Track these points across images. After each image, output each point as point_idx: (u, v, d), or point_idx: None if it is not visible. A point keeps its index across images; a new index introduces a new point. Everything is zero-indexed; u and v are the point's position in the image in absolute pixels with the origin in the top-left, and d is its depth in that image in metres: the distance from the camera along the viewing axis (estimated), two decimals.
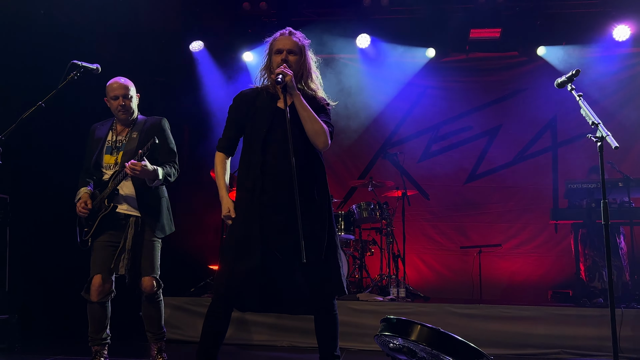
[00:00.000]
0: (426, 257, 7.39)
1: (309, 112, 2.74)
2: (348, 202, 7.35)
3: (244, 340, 4.78)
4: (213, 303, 2.75)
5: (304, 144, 2.78)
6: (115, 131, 3.59)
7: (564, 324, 4.65)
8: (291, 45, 2.86)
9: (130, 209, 3.44)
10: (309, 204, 2.74)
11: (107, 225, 3.42)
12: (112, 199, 3.40)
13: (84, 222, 3.48)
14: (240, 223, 2.74)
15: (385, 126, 7.66)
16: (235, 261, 2.69)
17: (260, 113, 2.84)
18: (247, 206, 2.73)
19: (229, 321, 2.75)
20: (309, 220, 2.68)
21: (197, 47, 7.16)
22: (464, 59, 7.45)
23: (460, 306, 4.89)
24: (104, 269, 3.39)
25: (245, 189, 2.77)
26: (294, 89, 2.72)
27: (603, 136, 2.43)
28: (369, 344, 4.59)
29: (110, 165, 3.51)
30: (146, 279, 3.42)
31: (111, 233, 3.43)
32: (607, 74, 6.72)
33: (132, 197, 3.44)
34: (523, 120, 7.39)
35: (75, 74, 3.24)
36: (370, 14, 6.87)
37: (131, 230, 3.40)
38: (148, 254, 3.44)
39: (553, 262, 7.01)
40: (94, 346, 3.43)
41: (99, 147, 3.53)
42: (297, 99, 2.74)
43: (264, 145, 2.75)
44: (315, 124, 2.73)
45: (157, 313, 3.52)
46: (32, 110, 3.04)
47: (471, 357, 2.12)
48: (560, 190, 6.97)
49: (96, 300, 3.37)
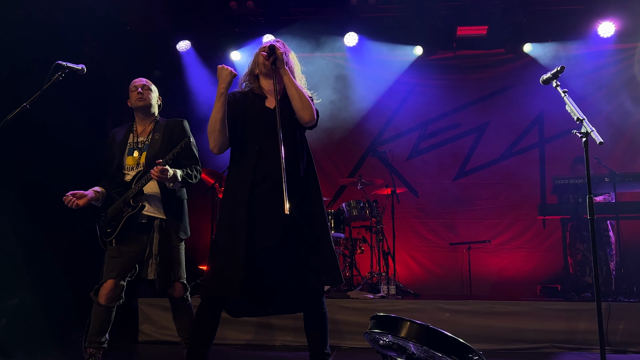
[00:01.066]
0: (416, 254, 7.43)
1: (296, 86, 2.77)
2: (338, 201, 7.36)
3: (235, 340, 4.77)
4: (201, 304, 2.75)
5: (293, 143, 2.79)
6: (136, 133, 3.57)
7: (553, 318, 4.69)
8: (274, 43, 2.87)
9: (155, 211, 3.40)
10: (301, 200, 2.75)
11: (131, 227, 3.38)
12: (137, 199, 3.37)
13: (106, 224, 3.43)
14: (226, 225, 2.73)
15: (374, 124, 7.68)
16: (221, 262, 2.69)
17: (250, 114, 2.85)
18: (234, 206, 2.73)
19: (218, 321, 2.75)
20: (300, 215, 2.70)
21: (185, 47, 7.14)
22: (451, 57, 7.49)
23: (450, 302, 4.91)
24: (118, 275, 3.35)
25: (234, 188, 2.77)
26: (282, 62, 2.74)
27: (588, 132, 2.46)
28: (360, 341, 4.60)
29: (132, 167, 3.47)
30: (177, 284, 3.43)
31: (133, 237, 3.39)
32: (592, 70, 6.80)
33: (158, 198, 3.41)
34: (510, 117, 7.45)
35: (60, 75, 3.20)
36: (358, 13, 6.88)
37: (157, 234, 3.36)
38: (178, 259, 3.44)
39: (541, 257, 7.08)
40: (90, 348, 3.39)
41: (121, 150, 3.51)
42: (287, 75, 2.77)
43: (258, 146, 2.75)
44: (302, 98, 2.76)
45: (187, 317, 3.49)
46: (17, 112, 3.01)
47: (461, 352, 2.13)
48: (548, 186, 7.05)
49: (104, 304, 3.34)
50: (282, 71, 2.76)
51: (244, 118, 2.85)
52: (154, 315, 4.93)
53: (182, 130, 3.53)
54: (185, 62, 7.15)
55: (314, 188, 2.86)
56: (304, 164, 2.85)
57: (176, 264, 3.43)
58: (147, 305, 4.96)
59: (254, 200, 2.71)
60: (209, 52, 7.25)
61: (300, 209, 2.71)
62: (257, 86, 2.91)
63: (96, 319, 3.38)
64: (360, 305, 4.90)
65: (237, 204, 2.72)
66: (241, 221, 2.68)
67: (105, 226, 3.43)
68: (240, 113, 2.86)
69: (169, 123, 3.57)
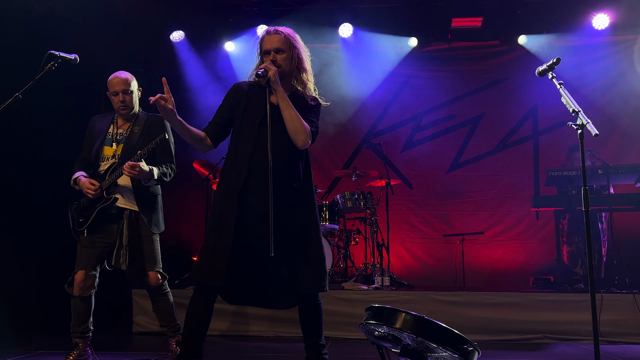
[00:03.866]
0: (410, 246, 7.45)
1: (290, 110, 2.71)
2: (332, 192, 7.37)
3: (229, 331, 4.78)
4: (194, 293, 2.76)
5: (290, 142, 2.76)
6: (116, 124, 3.57)
7: (546, 309, 4.73)
8: (278, 44, 2.79)
9: (126, 202, 3.42)
10: (291, 197, 2.75)
11: (102, 218, 3.39)
12: (110, 191, 3.37)
13: (79, 213, 3.43)
14: (217, 214, 2.73)
15: (368, 116, 7.67)
16: (209, 250, 2.70)
17: (253, 106, 2.81)
18: (226, 196, 2.72)
19: (210, 311, 2.75)
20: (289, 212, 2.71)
21: (178, 37, 7.09)
22: (446, 48, 7.48)
23: (444, 293, 4.94)
24: (88, 266, 3.37)
25: (229, 177, 2.76)
26: (276, 83, 2.69)
27: (583, 124, 2.46)
28: (355, 332, 4.61)
29: (108, 157, 3.48)
30: (151, 273, 3.45)
31: (103, 227, 3.41)
32: (587, 62, 6.81)
33: (130, 191, 3.42)
34: (504, 109, 7.46)
35: (53, 65, 3.18)
36: (352, 3, 6.86)
37: (126, 225, 3.38)
38: (149, 249, 3.45)
39: (535, 249, 7.12)
40: (75, 338, 3.42)
41: (100, 140, 3.50)
42: (280, 94, 2.71)
43: (256, 137, 2.73)
44: (295, 122, 2.71)
45: (166, 305, 3.52)
46: (10, 102, 2.98)
47: (456, 343, 2.14)
48: (542, 178, 7.07)
49: (77, 294, 3.37)
50: (277, 93, 2.71)
51: (245, 108, 2.82)
52: (148, 307, 4.89)
53: (161, 126, 3.51)
54: (179, 53, 7.11)
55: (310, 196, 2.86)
56: (302, 172, 2.85)
57: (147, 254, 3.43)
58: (141, 297, 4.95)
59: (248, 193, 2.69)
60: (203, 42, 7.20)
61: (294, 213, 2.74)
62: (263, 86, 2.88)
63: (74, 310, 3.42)
64: (355, 297, 4.91)
65: (230, 193, 2.71)
66: (231, 211, 2.67)
67: (77, 216, 3.44)
68: (243, 103, 2.83)
69: (150, 118, 3.57)
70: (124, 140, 3.48)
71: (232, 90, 2.91)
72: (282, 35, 2.81)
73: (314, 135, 2.80)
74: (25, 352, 3.92)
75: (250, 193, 2.69)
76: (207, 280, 2.67)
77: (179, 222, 6.91)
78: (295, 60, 2.84)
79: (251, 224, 2.67)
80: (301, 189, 2.82)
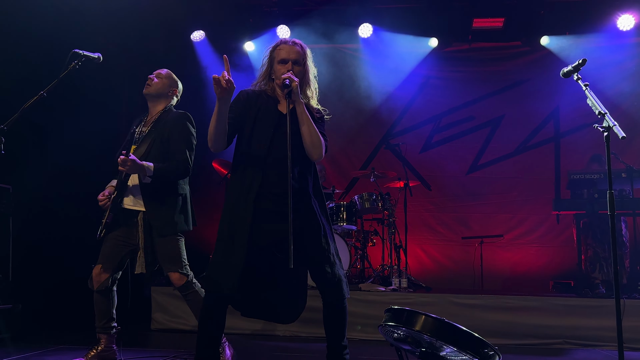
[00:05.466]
0: (428, 248, 7.40)
1: (310, 125, 2.72)
2: (350, 193, 7.35)
3: (245, 329, 4.79)
4: (204, 301, 2.77)
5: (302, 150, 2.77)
6: (143, 123, 3.56)
7: (566, 314, 4.67)
8: (296, 56, 2.81)
9: (135, 203, 3.38)
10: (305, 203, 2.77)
11: (120, 219, 3.40)
12: (122, 192, 3.37)
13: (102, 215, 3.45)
14: (227, 223, 2.73)
15: (387, 117, 7.64)
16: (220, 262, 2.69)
17: (261, 115, 2.80)
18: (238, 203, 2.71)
19: (224, 316, 2.74)
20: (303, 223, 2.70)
21: (199, 37, 7.13)
22: (466, 49, 7.41)
23: (462, 296, 4.90)
24: (106, 262, 3.39)
25: (240, 185, 2.74)
26: (298, 96, 2.70)
27: (610, 126, 2.41)
28: (372, 333, 4.61)
29: None
30: (171, 274, 3.39)
31: (123, 228, 3.41)
32: (610, 64, 6.68)
33: (138, 191, 3.37)
34: (525, 111, 7.37)
35: (77, 63, 3.21)
36: (373, 3, 6.82)
37: (141, 227, 3.37)
38: (165, 251, 3.37)
39: (555, 252, 7.02)
40: (98, 333, 3.45)
41: (129, 140, 3.52)
42: (300, 107, 2.71)
43: (269, 145, 2.72)
44: (314, 137, 2.72)
45: (195, 305, 3.42)
46: (34, 100, 3.02)
47: (476, 347, 2.12)
48: (563, 181, 6.96)
49: (95, 289, 3.40)
50: (297, 105, 2.71)
51: (254, 118, 2.80)
52: (167, 304, 4.97)
53: (177, 123, 3.45)
54: (199, 53, 7.15)
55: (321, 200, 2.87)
56: (312, 177, 2.86)
57: (165, 255, 3.36)
58: (160, 294, 5.00)
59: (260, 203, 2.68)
60: (223, 42, 7.23)
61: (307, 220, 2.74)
62: (271, 89, 2.87)
63: (95, 305, 3.45)
64: (372, 298, 4.90)
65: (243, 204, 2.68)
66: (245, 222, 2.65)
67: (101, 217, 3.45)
68: (251, 113, 2.81)
69: (170, 114, 3.51)
70: (142, 139, 3.46)
71: (241, 98, 2.88)
72: (299, 48, 2.84)
73: (326, 148, 2.82)
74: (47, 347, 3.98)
75: (263, 200, 2.69)
76: (218, 289, 2.66)
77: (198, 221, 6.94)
78: (307, 74, 2.87)
79: (265, 231, 2.67)
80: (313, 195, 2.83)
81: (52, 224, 5.31)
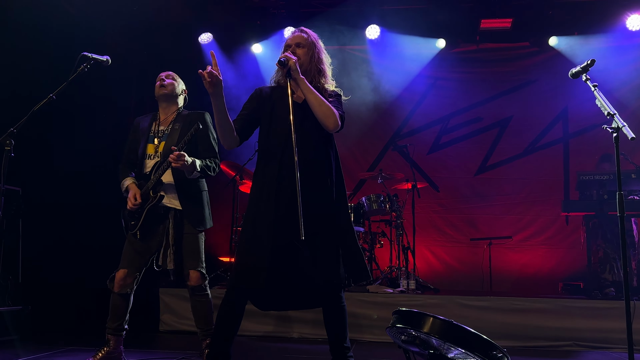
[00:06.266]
0: (436, 249, 7.37)
1: (315, 95, 2.73)
2: (357, 194, 7.34)
3: (254, 331, 4.79)
4: (226, 295, 2.76)
5: (318, 136, 2.78)
6: (158, 122, 3.59)
7: (576, 316, 4.63)
8: (299, 39, 2.87)
9: (170, 201, 3.42)
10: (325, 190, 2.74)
11: (152, 218, 3.41)
12: (156, 189, 3.39)
13: (130, 216, 3.45)
14: (253, 217, 2.74)
15: (395, 118, 7.64)
16: (246, 255, 2.70)
17: (279, 107, 2.83)
18: (261, 198, 2.73)
19: (242, 314, 2.75)
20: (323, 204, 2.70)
21: (206, 39, 7.16)
22: (474, 50, 7.39)
23: (470, 298, 4.88)
24: (131, 266, 3.41)
25: (262, 180, 2.77)
26: (297, 72, 2.71)
27: (619, 127, 2.39)
28: (379, 335, 4.59)
29: (151, 155, 3.49)
30: (192, 272, 3.40)
31: (154, 228, 3.43)
32: (619, 64, 6.63)
33: (173, 188, 3.42)
34: (534, 112, 7.34)
35: (86, 66, 3.23)
36: (380, 5, 6.82)
37: (171, 224, 3.39)
38: (192, 248, 3.41)
39: (564, 254, 6.97)
40: (108, 334, 3.46)
41: (144, 139, 3.54)
42: (302, 83, 2.73)
43: (285, 136, 2.72)
44: (322, 106, 2.72)
45: (203, 307, 3.46)
46: (44, 103, 3.04)
47: (485, 349, 2.10)
48: (572, 181, 6.93)
49: (117, 291, 3.41)
50: (299, 81, 2.72)
51: (270, 113, 2.83)
52: (175, 305, 4.98)
53: (202, 122, 3.50)
54: (206, 55, 7.18)
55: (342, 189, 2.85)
56: (333, 165, 2.84)
57: (190, 252, 3.41)
58: (168, 295, 5.01)
59: (281, 194, 2.69)
60: (230, 44, 7.26)
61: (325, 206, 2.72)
62: (285, 80, 2.89)
63: (112, 306, 3.45)
64: (380, 300, 4.89)
65: (264, 197, 2.71)
66: (268, 214, 2.67)
67: (129, 218, 3.46)
68: (267, 108, 2.84)
69: (191, 115, 3.58)
70: (165, 137, 3.50)
71: (255, 94, 2.94)
72: (304, 34, 2.90)
73: (342, 119, 2.80)
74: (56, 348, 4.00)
75: (284, 193, 2.69)
76: (248, 284, 2.65)
77: None
78: (315, 59, 2.89)
79: (288, 225, 2.65)
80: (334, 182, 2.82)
81: (62, 225, 5.34)
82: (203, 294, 3.46)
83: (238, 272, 2.70)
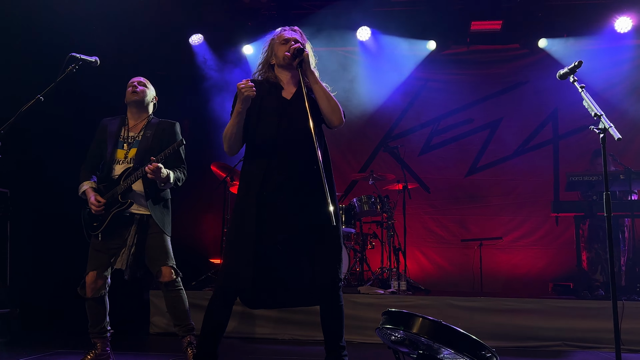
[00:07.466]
0: (427, 250, 7.39)
1: (325, 90, 2.76)
2: (349, 196, 7.34)
3: (245, 333, 4.78)
4: (214, 295, 2.75)
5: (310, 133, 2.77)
6: (127, 127, 3.58)
7: (565, 316, 4.66)
8: (297, 38, 2.86)
9: (138, 207, 3.43)
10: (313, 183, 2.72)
11: (117, 222, 3.40)
12: (126, 195, 3.40)
13: (92, 217, 3.44)
14: (238, 218, 2.73)
15: (386, 119, 7.65)
16: (233, 255, 2.69)
17: (265, 104, 2.81)
18: (246, 197, 2.72)
19: (229, 313, 2.74)
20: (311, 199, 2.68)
21: (197, 41, 7.15)
22: (465, 52, 7.42)
23: (461, 299, 4.89)
24: (99, 267, 3.40)
25: (248, 179, 2.75)
26: (308, 65, 2.72)
27: (606, 127, 2.41)
28: (370, 336, 4.59)
29: (120, 161, 3.49)
30: (164, 268, 3.41)
31: (117, 232, 3.42)
32: (608, 66, 6.70)
33: (142, 195, 3.44)
34: (524, 113, 7.39)
35: (74, 67, 3.21)
36: (371, 7, 6.83)
37: (134, 228, 3.41)
38: (159, 245, 3.43)
39: (554, 254, 7.02)
40: (93, 339, 3.45)
41: (113, 143, 3.52)
42: (313, 76, 2.75)
43: (273, 137, 2.72)
44: (331, 100, 2.75)
45: (179, 303, 3.45)
46: (31, 104, 3.01)
47: (473, 349, 2.11)
48: (562, 182, 6.97)
49: (90, 296, 3.39)
50: (309, 74, 2.74)
51: (259, 108, 2.80)
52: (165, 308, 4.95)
53: (173, 132, 3.57)
54: (197, 56, 7.16)
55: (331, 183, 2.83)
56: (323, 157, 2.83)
57: (158, 249, 3.42)
58: (159, 298, 4.97)
59: (268, 193, 2.68)
60: (221, 45, 7.24)
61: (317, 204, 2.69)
62: (273, 76, 2.88)
63: (89, 312, 3.44)
64: (371, 301, 4.89)
65: (249, 197, 2.70)
66: (251, 215, 2.66)
67: (90, 219, 3.44)
68: (254, 104, 2.80)
69: (161, 124, 3.60)
70: (136, 144, 3.50)
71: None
72: (299, 33, 2.92)
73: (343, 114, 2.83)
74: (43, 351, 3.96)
75: (270, 192, 2.68)
76: (234, 284, 2.66)
77: (196, 224, 6.95)
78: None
79: (273, 223, 2.65)
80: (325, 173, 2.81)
81: (50, 228, 5.30)
82: (177, 289, 3.45)
83: (225, 272, 2.71)
